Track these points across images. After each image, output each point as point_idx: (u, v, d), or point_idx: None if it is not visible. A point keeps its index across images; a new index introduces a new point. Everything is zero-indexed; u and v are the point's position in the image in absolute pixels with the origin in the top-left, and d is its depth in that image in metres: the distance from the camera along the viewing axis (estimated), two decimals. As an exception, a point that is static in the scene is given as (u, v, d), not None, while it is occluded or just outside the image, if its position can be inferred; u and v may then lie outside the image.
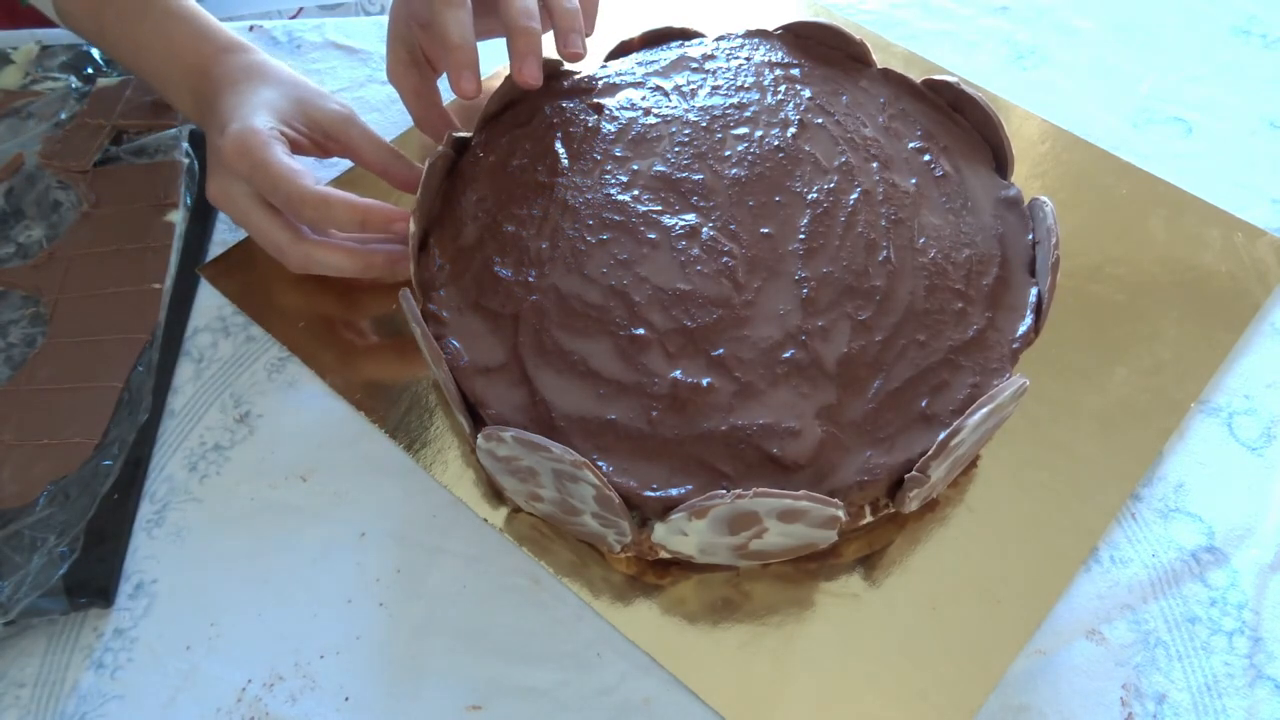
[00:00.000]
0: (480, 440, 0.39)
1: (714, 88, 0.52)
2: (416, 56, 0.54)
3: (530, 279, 0.44)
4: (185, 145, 0.57)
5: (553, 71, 0.53)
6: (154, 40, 0.52)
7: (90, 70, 0.63)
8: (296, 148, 0.48)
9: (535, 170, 0.48)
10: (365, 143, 0.51)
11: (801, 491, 0.37)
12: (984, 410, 0.39)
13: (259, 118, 0.47)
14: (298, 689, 0.41)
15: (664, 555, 0.42)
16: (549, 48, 0.48)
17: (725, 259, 0.45)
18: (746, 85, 0.52)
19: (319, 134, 0.50)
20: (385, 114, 0.62)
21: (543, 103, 0.52)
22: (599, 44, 0.56)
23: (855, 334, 0.43)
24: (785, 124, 0.50)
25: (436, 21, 0.45)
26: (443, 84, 0.57)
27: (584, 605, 0.43)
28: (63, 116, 0.59)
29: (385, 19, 0.70)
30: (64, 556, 0.43)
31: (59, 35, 0.65)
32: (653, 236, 0.45)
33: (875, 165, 0.49)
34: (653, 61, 0.54)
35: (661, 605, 0.42)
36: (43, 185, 0.56)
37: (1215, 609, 0.43)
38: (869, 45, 0.54)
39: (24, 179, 0.56)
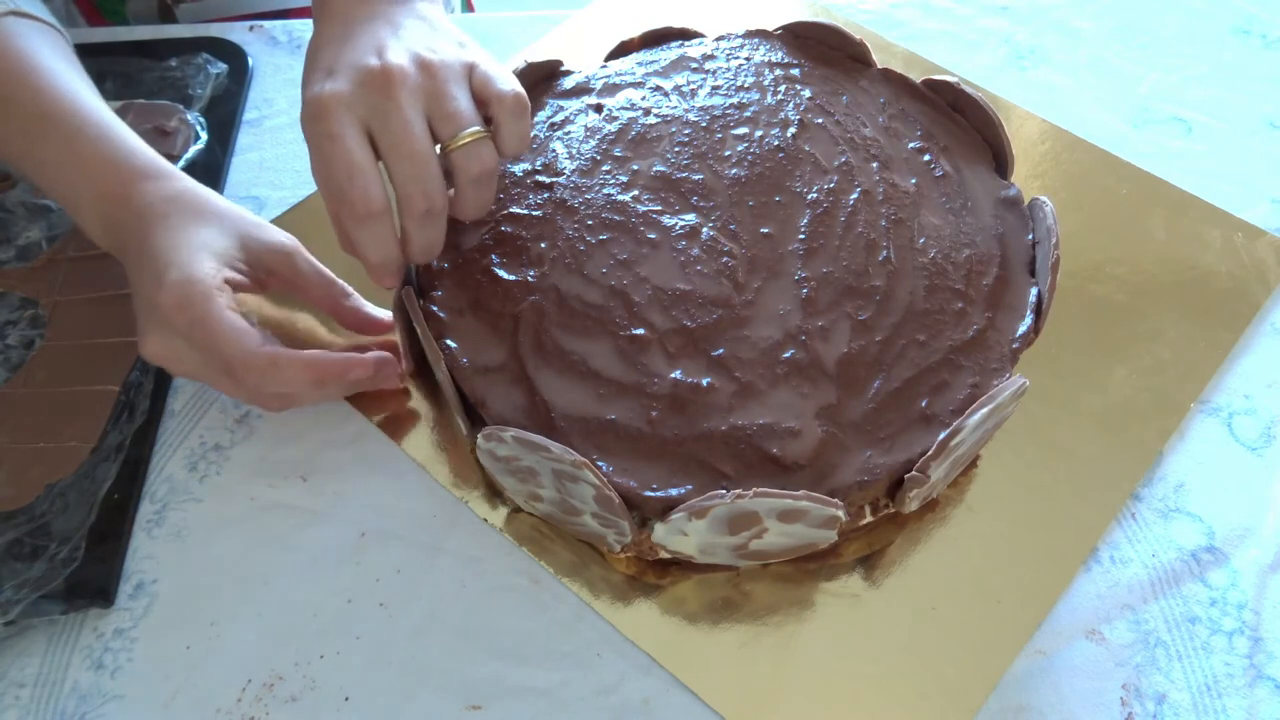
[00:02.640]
0: (480, 440, 0.39)
1: (714, 88, 0.52)
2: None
3: (530, 279, 0.44)
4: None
5: (553, 71, 0.53)
6: (61, 159, 0.45)
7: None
8: (239, 290, 0.43)
9: (535, 170, 0.48)
10: (311, 278, 0.46)
11: (801, 491, 0.37)
12: (984, 410, 0.39)
13: (199, 264, 0.41)
14: (298, 689, 0.41)
15: (664, 555, 0.42)
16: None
17: (725, 259, 0.45)
18: (746, 85, 0.52)
19: (261, 270, 0.45)
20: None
21: (543, 102, 0.52)
22: (599, 44, 0.56)
23: (855, 334, 0.43)
24: (785, 124, 0.50)
25: (352, 237, 0.40)
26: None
27: (584, 605, 0.43)
28: None
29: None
30: (65, 563, 0.43)
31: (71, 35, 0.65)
32: (653, 236, 0.45)
33: (875, 165, 0.49)
34: (653, 61, 0.54)
35: (661, 605, 0.42)
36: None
37: (1215, 609, 0.43)
38: (869, 45, 0.54)
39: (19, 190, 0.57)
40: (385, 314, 0.48)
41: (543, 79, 0.53)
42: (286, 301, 0.51)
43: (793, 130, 0.50)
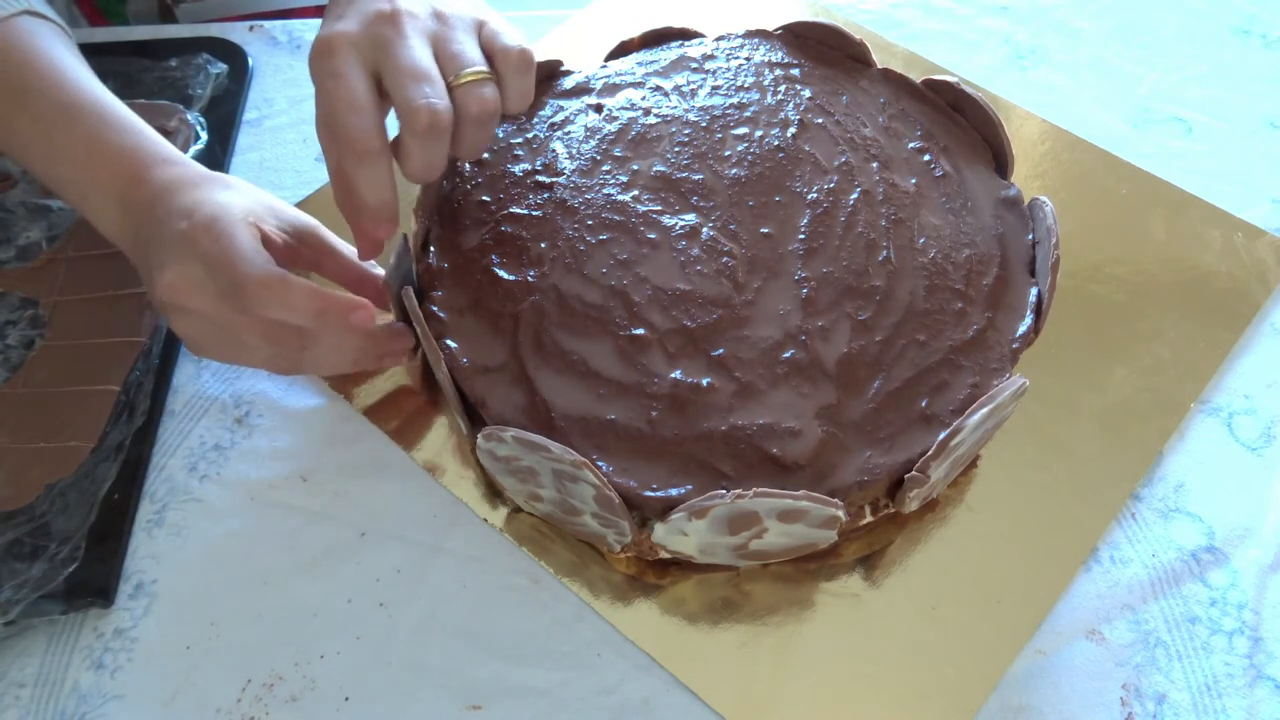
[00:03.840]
0: (480, 440, 0.39)
1: (714, 88, 0.52)
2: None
3: (530, 279, 0.44)
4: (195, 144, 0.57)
5: (553, 71, 0.53)
6: (78, 147, 0.45)
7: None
8: (270, 244, 0.43)
9: (535, 170, 0.48)
10: (337, 246, 0.47)
11: (801, 491, 0.37)
12: (984, 410, 0.39)
13: (232, 207, 0.41)
14: (298, 689, 0.41)
15: (664, 555, 0.42)
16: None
17: (725, 259, 0.45)
18: (746, 85, 0.52)
19: (293, 235, 0.45)
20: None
21: (543, 102, 0.52)
22: (599, 44, 0.56)
23: (855, 334, 0.43)
24: (785, 124, 0.50)
25: (350, 177, 0.41)
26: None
27: (584, 605, 0.43)
28: None
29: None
30: (65, 563, 0.43)
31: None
32: (653, 236, 0.45)
33: (875, 165, 0.49)
34: (653, 61, 0.54)
35: (661, 605, 0.42)
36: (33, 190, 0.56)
37: (1215, 609, 0.43)
38: (869, 45, 0.54)
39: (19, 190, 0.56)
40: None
41: (543, 79, 0.53)
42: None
43: (793, 130, 0.50)
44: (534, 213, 0.47)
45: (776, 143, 0.49)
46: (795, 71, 0.53)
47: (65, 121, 0.45)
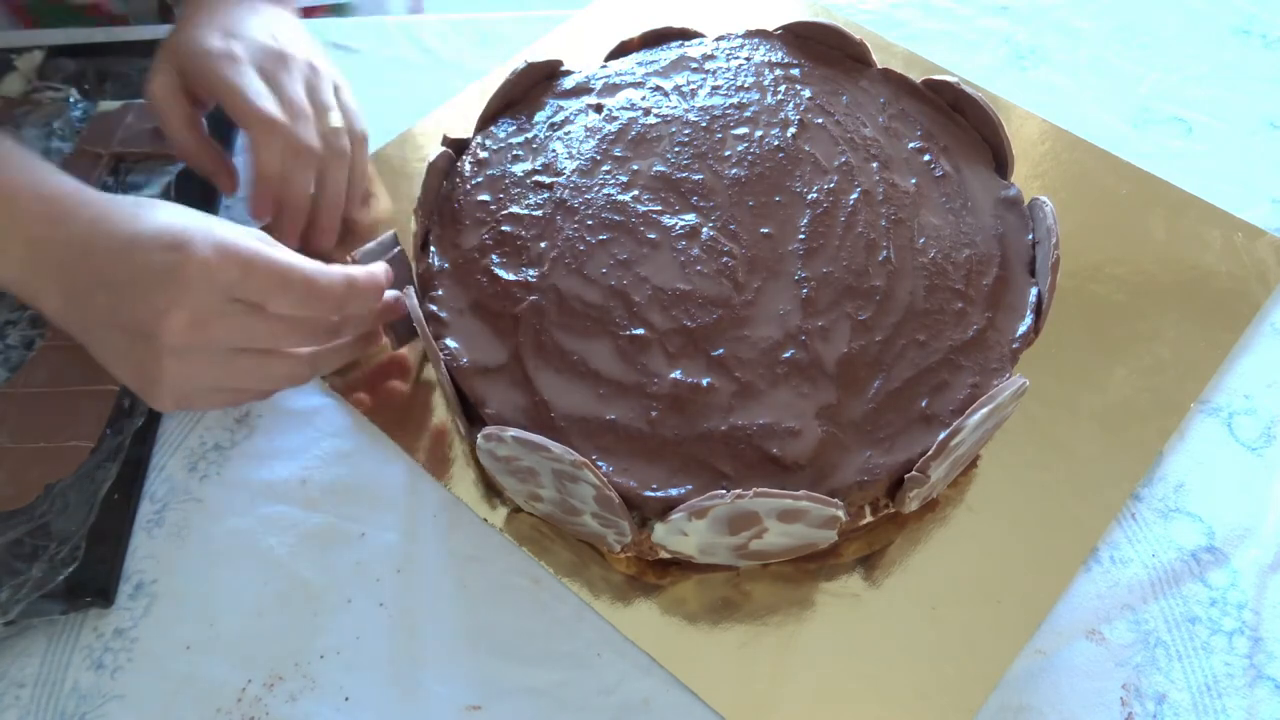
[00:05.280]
0: (480, 440, 0.39)
1: (714, 88, 0.52)
2: (187, 85, 0.51)
3: (530, 279, 0.44)
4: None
5: (553, 71, 0.53)
6: None
7: (88, 86, 0.62)
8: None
9: (535, 170, 0.48)
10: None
11: (801, 491, 0.37)
12: (984, 410, 0.39)
13: (214, 221, 0.39)
14: (298, 689, 0.41)
15: (664, 555, 0.42)
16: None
17: (725, 259, 0.45)
18: (746, 85, 0.52)
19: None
20: (380, 123, 0.61)
21: (542, 102, 0.52)
22: (599, 44, 0.56)
23: (855, 334, 0.43)
24: (785, 124, 0.50)
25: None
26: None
27: (584, 605, 0.43)
28: (55, 125, 0.59)
29: (385, 19, 0.70)
30: (65, 563, 0.43)
31: (70, 34, 0.65)
32: (653, 236, 0.45)
33: (875, 165, 0.49)
34: (653, 61, 0.54)
35: (661, 605, 0.42)
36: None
37: (1215, 609, 0.43)
38: (869, 45, 0.54)
39: None
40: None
41: (543, 79, 0.53)
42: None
43: (793, 130, 0.50)
44: (534, 213, 0.47)
45: (776, 143, 0.49)
46: (795, 71, 0.53)
47: None
